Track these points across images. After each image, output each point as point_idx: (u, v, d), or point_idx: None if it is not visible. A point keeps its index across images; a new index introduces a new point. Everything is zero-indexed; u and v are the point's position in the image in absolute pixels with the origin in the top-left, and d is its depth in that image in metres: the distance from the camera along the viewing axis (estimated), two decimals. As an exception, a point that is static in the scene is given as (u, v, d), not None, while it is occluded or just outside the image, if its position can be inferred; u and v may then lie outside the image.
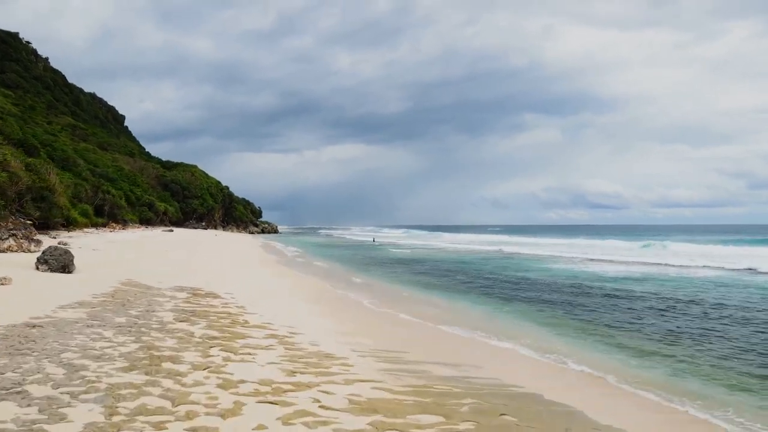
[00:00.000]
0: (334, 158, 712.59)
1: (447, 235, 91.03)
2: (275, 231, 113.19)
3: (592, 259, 32.89)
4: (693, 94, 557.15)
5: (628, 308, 14.42)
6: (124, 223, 46.60)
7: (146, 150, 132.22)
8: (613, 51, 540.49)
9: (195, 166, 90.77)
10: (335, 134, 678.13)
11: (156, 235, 41.07)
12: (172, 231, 50.78)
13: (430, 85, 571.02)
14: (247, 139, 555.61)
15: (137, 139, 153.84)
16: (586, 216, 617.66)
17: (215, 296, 13.00)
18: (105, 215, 43.97)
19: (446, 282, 21.19)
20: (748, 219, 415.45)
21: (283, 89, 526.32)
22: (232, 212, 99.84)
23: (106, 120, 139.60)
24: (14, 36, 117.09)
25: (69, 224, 33.19)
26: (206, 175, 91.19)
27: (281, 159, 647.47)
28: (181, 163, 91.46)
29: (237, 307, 11.68)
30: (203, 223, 79.01)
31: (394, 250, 45.79)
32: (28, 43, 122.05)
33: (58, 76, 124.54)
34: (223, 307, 11.48)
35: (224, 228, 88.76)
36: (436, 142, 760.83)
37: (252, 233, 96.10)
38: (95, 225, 39.83)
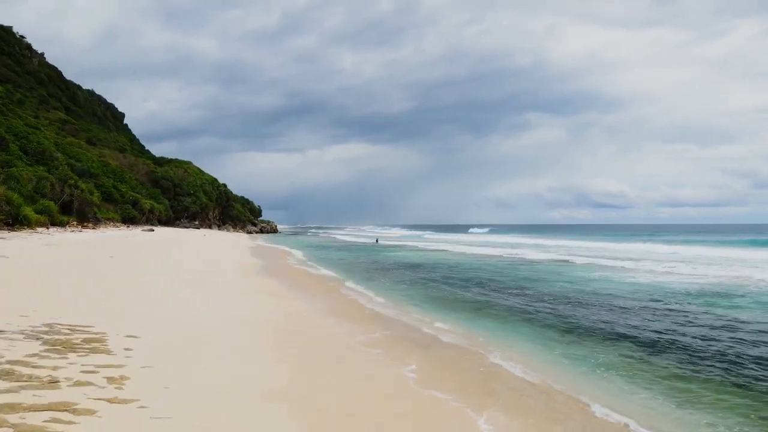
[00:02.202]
0: (337, 158, 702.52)
1: (450, 236, 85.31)
2: (275, 231, 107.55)
3: (627, 268, 27.08)
4: (697, 93, 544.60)
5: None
6: (96, 222, 40.80)
7: (146, 148, 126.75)
8: (617, 50, 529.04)
9: (189, 163, 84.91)
10: (339, 134, 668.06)
11: (130, 235, 35.33)
12: (152, 231, 45.04)
13: (433, 84, 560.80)
14: (251, 139, 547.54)
15: (139, 138, 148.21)
16: (590, 216, 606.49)
17: (98, 347, 7.23)
18: (73, 213, 38.21)
19: (475, 299, 15.38)
20: (753, 218, 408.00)
21: (287, 89, 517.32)
22: (230, 211, 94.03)
23: (104, 117, 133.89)
24: (7, 30, 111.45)
25: (16, 222, 27.42)
26: (201, 171, 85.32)
27: (285, 159, 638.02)
28: (176, 159, 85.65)
29: (101, 387, 5.88)
30: (196, 222, 73.18)
31: (399, 253, 39.97)
32: (23, 37, 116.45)
33: (53, 72, 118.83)
34: (67, 390, 5.69)
35: (220, 227, 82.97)
36: (440, 141, 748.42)
37: (250, 233, 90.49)
38: (59, 224, 34.08)
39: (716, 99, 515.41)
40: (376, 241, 64.82)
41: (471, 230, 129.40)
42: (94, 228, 37.47)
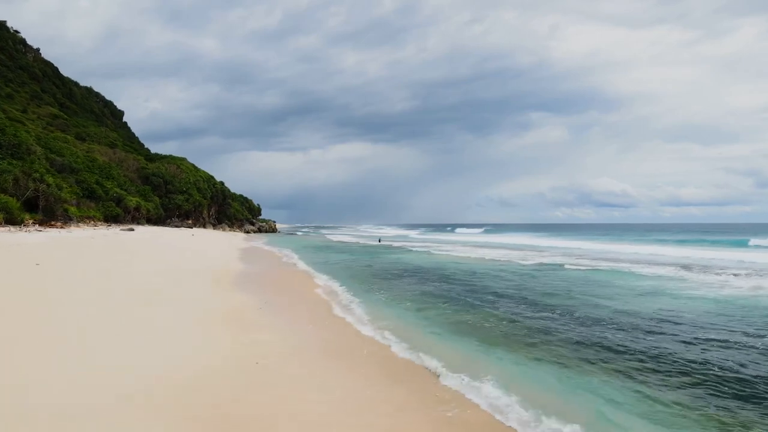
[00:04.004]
0: (340, 157, 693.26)
1: (448, 235, 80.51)
2: (274, 230, 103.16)
3: (681, 278, 22.50)
4: (700, 92, 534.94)
5: None
6: (66, 221, 36.12)
7: (145, 146, 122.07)
8: (620, 49, 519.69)
9: (183, 159, 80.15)
10: (341, 133, 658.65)
11: (100, 236, 30.70)
12: (132, 230, 40.42)
13: (436, 84, 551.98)
14: (254, 139, 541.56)
15: (143, 137, 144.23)
16: (593, 215, 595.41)
17: None
18: (39, 210, 33.58)
19: (513, 324, 10.66)
20: (757, 217, 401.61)
21: (290, 88, 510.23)
22: (226, 209, 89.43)
23: (101, 114, 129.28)
24: (1, 24, 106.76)
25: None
26: (195, 168, 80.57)
27: (288, 158, 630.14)
28: (170, 155, 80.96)
29: None
30: (189, 221, 68.49)
31: (404, 256, 35.25)
32: (17, 32, 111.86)
33: (49, 68, 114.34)
34: None
35: (215, 226, 78.33)
36: (442, 141, 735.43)
37: (248, 232, 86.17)
38: (19, 222, 29.47)
39: (720, 98, 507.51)
40: (379, 240, 60.37)
41: (458, 230, 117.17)
42: (62, 227, 32.88)
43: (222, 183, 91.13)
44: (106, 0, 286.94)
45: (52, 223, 33.19)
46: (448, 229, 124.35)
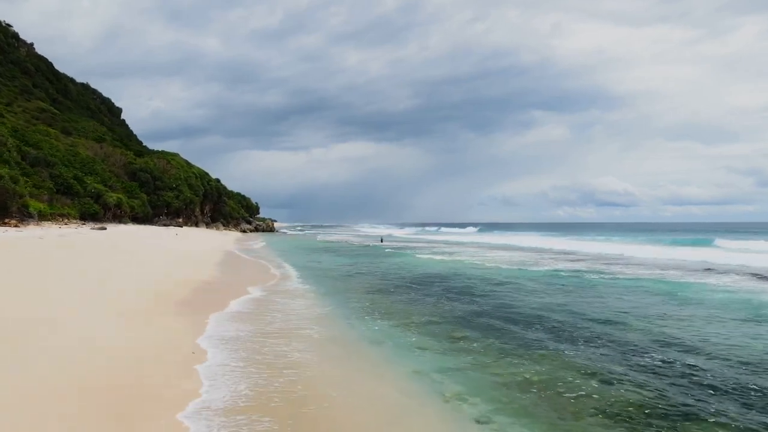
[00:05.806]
0: (342, 156, 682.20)
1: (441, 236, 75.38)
2: (271, 229, 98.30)
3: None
4: (702, 91, 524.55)
5: None
6: (23, 218, 31.14)
7: (143, 144, 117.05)
8: (623, 48, 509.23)
9: (176, 154, 75.11)
10: (344, 132, 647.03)
11: (52, 236, 25.75)
12: (104, 229, 35.54)
13: (438, 82, 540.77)
14: (256, 138, 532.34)
15: (145, 136, 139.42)
16: (594, 214, 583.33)
17: None
18: (-9, 206, 28.65)
19: (621, 394, 5.73)
20: (758, 217, 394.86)
21: (292, 88, 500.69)
22: (222, 208, 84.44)
23: (97, 111, 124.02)
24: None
25: None
26: (188, 164, 75.45)
27: (290, 157, 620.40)
28: (161, 151, 75.94)
29: None
30: (180, 220, 63.49)
31: (409, 260, 30.24)
32: (9, 26, 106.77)
33: (43, 63, 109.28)
34: None
35: (209, 225, 73.34)
36: (445, 139, 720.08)
37: (244, 231, 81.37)
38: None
39: (720, 97, 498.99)
40: (381, 240, 55.45)
41: (442, 229, 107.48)
42: (17, 225, 28.01)
43: (217, 180, 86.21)
44: (106, 0, 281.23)
45: (6, 221, 28.26)
46: (434, 229, 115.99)
